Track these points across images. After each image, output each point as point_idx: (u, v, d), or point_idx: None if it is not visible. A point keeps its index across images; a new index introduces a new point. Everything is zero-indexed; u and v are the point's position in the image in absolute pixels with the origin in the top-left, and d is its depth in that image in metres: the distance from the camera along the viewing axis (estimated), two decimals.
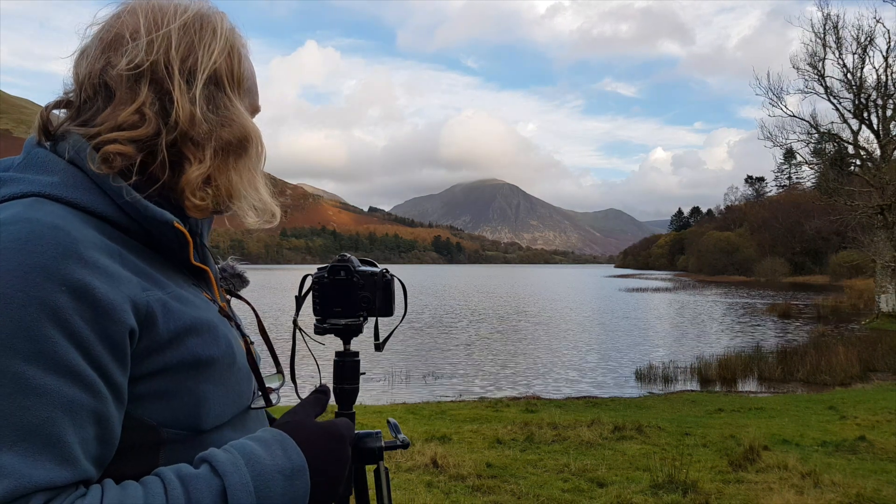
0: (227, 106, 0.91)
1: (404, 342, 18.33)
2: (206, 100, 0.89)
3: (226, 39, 0.92)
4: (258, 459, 0.80)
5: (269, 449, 0.82)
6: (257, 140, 0.94)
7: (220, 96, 0.91)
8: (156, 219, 0.85)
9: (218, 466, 0.77)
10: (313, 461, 0.85)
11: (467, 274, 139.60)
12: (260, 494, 0.77)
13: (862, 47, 27.53)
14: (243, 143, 0.92)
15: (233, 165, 0.91)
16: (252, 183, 0.94)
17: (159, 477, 0.76)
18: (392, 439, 1.35)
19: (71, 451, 0.69)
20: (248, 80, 0.97)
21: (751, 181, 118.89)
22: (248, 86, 0.97)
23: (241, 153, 0.92)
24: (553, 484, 5.40)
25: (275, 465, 0.80)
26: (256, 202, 0.95)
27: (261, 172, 0.96)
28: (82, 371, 0.71)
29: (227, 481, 0.76)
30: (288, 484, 0.80)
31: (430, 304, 36.70)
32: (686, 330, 23.72)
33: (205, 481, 0.76)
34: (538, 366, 15.29)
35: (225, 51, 0.92)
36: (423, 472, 5.60)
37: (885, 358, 14.47)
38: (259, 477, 0.78)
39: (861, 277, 42.04)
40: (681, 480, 5.26)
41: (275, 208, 0.98)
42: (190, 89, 0.87)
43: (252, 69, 0.99)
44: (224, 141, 0.90)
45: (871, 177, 26.54)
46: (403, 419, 8.33)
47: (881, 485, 5.38)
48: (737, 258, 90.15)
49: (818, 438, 7.26)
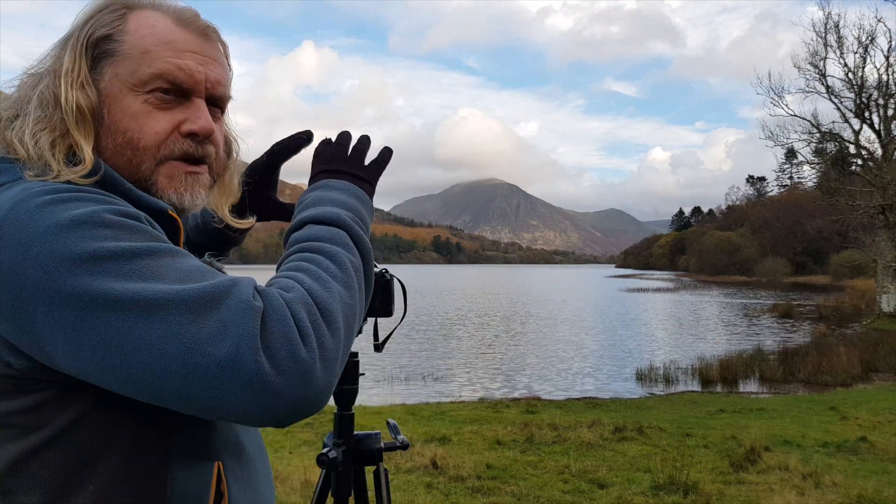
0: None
1: (404, 342, 18.32)
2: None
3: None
4: (335, 197, 0.96)
5: (334, 191, 0.98)
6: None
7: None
8: (150, 207, 0.84)
9: (327, 220, 0.91)
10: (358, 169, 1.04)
11: (467, 274, 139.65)
12: (358, 219, 0.94)
13: (863, 47, 27.56)
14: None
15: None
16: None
17: (289, 255, 0.87)
18: (391, 440, 1.35)
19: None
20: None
21: (752, 181, 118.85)
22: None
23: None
24: (553, 485, 5.39)
25: (344, 195, 0.98)
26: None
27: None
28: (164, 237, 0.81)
29: (344, 228, 0.91)
30: (357, 200, 0.98)
31: (429, 304, 36.69)
32: (687, 330, 23.71)
33: (328, 232, 0.90)
34: (538, 367, 15.29)
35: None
36: (423, 473, 5.59)
37: (887, 358, 14.44)
38: (352, 209, 0.95)
39: (862, 277, 42.03)
40: (682, 481, 5.25)
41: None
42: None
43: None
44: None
45: (873, 176, 26.52)
46: (403, 420, 8.32)
47: (882, 486, 5.36)
48: (738, 258, 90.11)
49: (819, 439, 7.25)
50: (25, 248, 0.71)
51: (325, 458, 1.21)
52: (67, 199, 0.75)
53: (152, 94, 0.86)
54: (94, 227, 0.72)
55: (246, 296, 0.71)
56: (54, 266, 0.70)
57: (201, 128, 0.89)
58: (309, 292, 0.77)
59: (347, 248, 0.88)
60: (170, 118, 0.88)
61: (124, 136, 0.86)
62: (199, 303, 0.69)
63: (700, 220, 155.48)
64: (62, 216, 0.72)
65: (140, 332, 0.68)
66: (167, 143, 0.88)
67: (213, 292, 0.71)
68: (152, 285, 0.70)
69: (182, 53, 0.88)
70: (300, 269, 0.82)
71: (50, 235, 0.71)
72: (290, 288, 0.77)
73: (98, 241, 0.71)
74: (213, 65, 0.91)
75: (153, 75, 0.86)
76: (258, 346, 0.68)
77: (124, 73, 0.86)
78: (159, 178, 0.88)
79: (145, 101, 0.86)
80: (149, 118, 0.86)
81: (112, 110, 0.86)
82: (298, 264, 0.83)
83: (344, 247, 0.87)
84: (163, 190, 0.88)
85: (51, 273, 0.70)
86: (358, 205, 0.98)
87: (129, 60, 0.86)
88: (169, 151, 0.88)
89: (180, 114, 0.88)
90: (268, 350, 0.68)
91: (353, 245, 0.89)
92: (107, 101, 0.86)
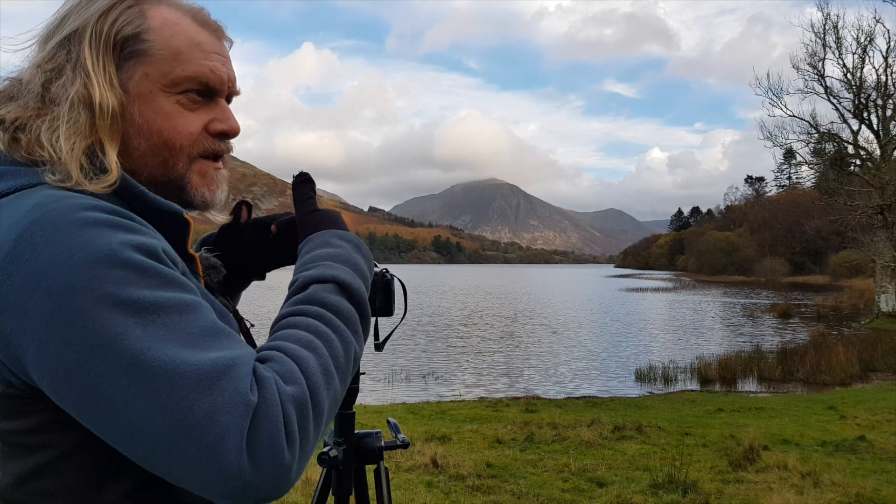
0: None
1: (404, 342, 18.32)
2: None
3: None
4: (338, 255, 0.93)
5: (332, 245, 0.95)
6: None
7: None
8: (163, 210, 0.84)
9: (319, 276, 0.88)
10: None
11: (467, 274, 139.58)
12: (357, 273, 0.92)
13: (862, 47, 27.62)
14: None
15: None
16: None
17: (290, 315, 0.84)
18: (392, 439, 1.35)
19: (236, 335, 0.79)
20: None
21: (751, 181, 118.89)
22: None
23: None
24: (553, 484, 5.40)
25: (347, 250, 0.94)
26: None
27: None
28: (193, 287, 0.78)
29: (337, 279, 0.88)
30: (362, 255, 0.96)
31: (430, 303, 36.68)
32: (686, 330, 23.72)
33: (323, 290, 0.87)
34: (538, 366, 15.29)
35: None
36: (423, 471, 5.60)
37: (885, 358, 14.47)
38: (348, 263, 0.92)
39: (861, 277, 42.07)
40: (681, 480, 5.26)
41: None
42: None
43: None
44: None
45: (871, 177, 26.56)
46: (403, 419, 8.33)
47: (881, 485, 5.38)
48: (737, 258, 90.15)
49: (818, 438, 7.26)
50: (45, 270, 0.69)
51: (326, 456, 1.22)
52: (98, 224, 0.72)
53: (184, 95, 0.87)
54: (118, 268, 0.70)
55: (242, 387, 0.70)
56: (72, 295, 0.68)
57: (231, 128, 0.92)
58: (311, 390, 0.75)
59: (357, 337, 0.86)
60: (199, 118, 0.89)
61: (159, 136, 0.86)
62: (195, 381, 0.68)
63: (699, 220, 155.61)
64: (91, 245, 0.71)
65: (132, 395, 0.68)
66: (198, 142, 0.90)
67: (210, 372, 0.69)
68: (156, 347, 0.69)
69: (210, 55, 0.90)
70: (313, 347, 0.79)
71: (77, 263, 0.69)
72: (291, 380, 0.74)
73: (118, 285, 0.70)
74: (230, 64, 0.94)
75: (187, 77, 0.87)
76: (243, 443, 0.68)
77: (155, 73, 0.86)
78: (192, 176, 0.90)
79: (177, 102, 0.87)
80: (181, 119, 0.87)
81: (143, 111, 0.85)
82: (313, 341, 0.80)
83: (355, 333, 0.86)
84: (196, 188, 0.90)
85: (67, 301, 0.68)
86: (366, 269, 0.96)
87: (160, 61, 0.86)
88: (200, 150, 0.90)
89: (207, 114, 0.90)
90: (251, 448, 0.68)
91: (361, 332, 0.88)
92: (136, 101, 0.85)
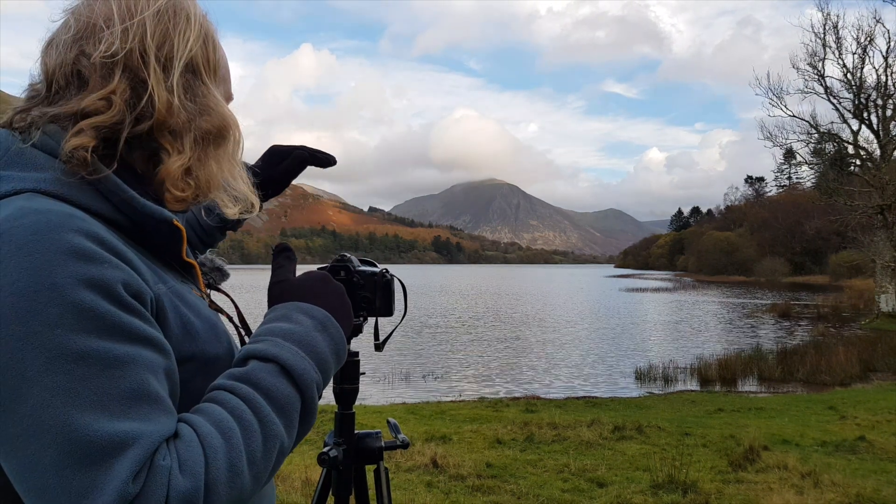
0: (205, 94, 0.89)
1: (404, 342, 18.32)
2: (183, 88, 0.86)
3: (200, 26, 0.90)
4: (291, 332, 0.85)
5: (291, 319, 0.87)
6: (235, 128, 0.92)
7: (198, 84, 0.89)
8: (153, 217, 0.84)
9: (265, 354, 0.82)
10: (325, 305, 0.91)
11: (467, 274, 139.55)
12: (311, 355, 0.84)
13: (862, 47, 27.58)
14: (222, 131, 0.90)
15: (212, 155, 0.89)
16: (231, 172, 0.93)
17: (221, 388, 0.79)
18: (392, 439, 1.35)
19: (168, 403, 0.74)
20: (222, 67, 0.96)
21: (750, 181, 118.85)
22: (223, 73, 0.96)
23: (221, 142, 0.90)
24: (553, 484, 5.40)
25: (307, 328, 0.86)
26: (236, 192, 0.95)
27: (239, 161, 0.95)
28: (147, 333, 0.74)
29: (280, 360, 0.81)
30: (326, 335, 0.88)
31: (430, 303, 36.68)
32: (686, 330, 23.72)
33: (262, 370, 0.80)
34: (538, 366, 15.30)
35: (200, 38, 0.90)
36: (423, 472, 5.59)
37: (885, 358, 14.47)
38: (302, 343, 0.84)
39: (861, 277, 42.05)
40: (681, 480, 5.26)
41: (254, 198, 0.98)
42: (167, 78, 0.85)
43: (225, 57, 0.97)
44: (203, 130, 0.87)
45: (871, 177, 26.53)
46: (403, 419, 8.33)
47: (881, 485, 5.38)
48: (737, 258, 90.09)
49: (818, 438, 7.26)
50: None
51: (326, 456, 1.22)
52: (56, 251, 0.70)
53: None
54: (55, 305, 0.68)
55: (123, 477, 0.66)
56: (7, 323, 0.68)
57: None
58: (208, 486, 0.70)
59: (289, 427, 0.80)
60: None
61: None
62: (83, 452, 0.66)
63: (699, 220, 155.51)
64: (38, 274, 0.69)
65: (22, 443, 0.67)
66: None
67: (103, 447, 0.66)
68: (58, 404, 0.66)
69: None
70: (228, 437, 0.74)
71: (15, 291, 0.68)
72: (190, 472, 0.70)
73: (46, 325, 0.68)
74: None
75: (228, 96, 0.98)
76: None
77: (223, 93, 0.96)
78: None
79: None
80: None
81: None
82: (232, 428, 0.75)
83: (287, 423, 0.80)
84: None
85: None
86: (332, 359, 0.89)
87: (224, 83, 0.97)
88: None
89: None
90: None
91: (296, 421, 0.81)
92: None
